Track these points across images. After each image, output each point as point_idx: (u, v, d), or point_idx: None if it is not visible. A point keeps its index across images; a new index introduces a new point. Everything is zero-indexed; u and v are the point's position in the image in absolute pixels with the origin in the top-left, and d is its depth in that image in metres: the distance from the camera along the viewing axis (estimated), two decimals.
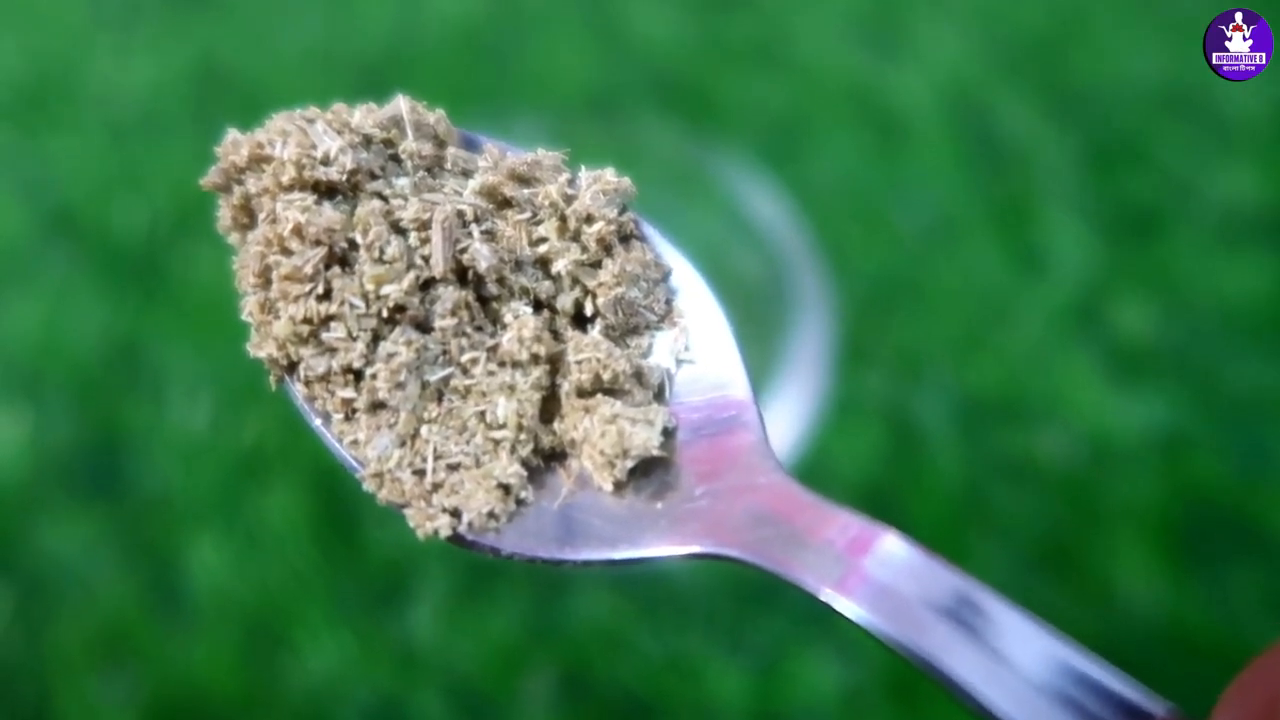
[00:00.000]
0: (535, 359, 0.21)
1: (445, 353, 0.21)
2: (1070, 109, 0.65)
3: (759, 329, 0.49)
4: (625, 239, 0.23)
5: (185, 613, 0.47)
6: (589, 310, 0.22)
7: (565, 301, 0.22)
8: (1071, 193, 0.62)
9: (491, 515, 0.21)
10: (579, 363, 0.21)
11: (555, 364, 0.21)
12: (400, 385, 0.20)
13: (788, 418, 0.46)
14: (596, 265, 0.22)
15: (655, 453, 0.21)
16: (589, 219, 0.22)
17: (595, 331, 0.22)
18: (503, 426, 0.21)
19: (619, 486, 0.21)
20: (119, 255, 0.57)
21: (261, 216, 0.22)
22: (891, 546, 0.19)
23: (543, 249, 0.22)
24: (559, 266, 0.22)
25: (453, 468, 0.21)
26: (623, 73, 0.66)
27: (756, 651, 0.47)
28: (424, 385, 0.21)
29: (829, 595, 0.19)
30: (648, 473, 0.21)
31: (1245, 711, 0.18)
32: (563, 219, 0.22)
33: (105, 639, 0.46)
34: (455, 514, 0.20)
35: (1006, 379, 0.55)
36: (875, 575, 0.19)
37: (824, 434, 0.51)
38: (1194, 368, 0.56)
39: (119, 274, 0.57)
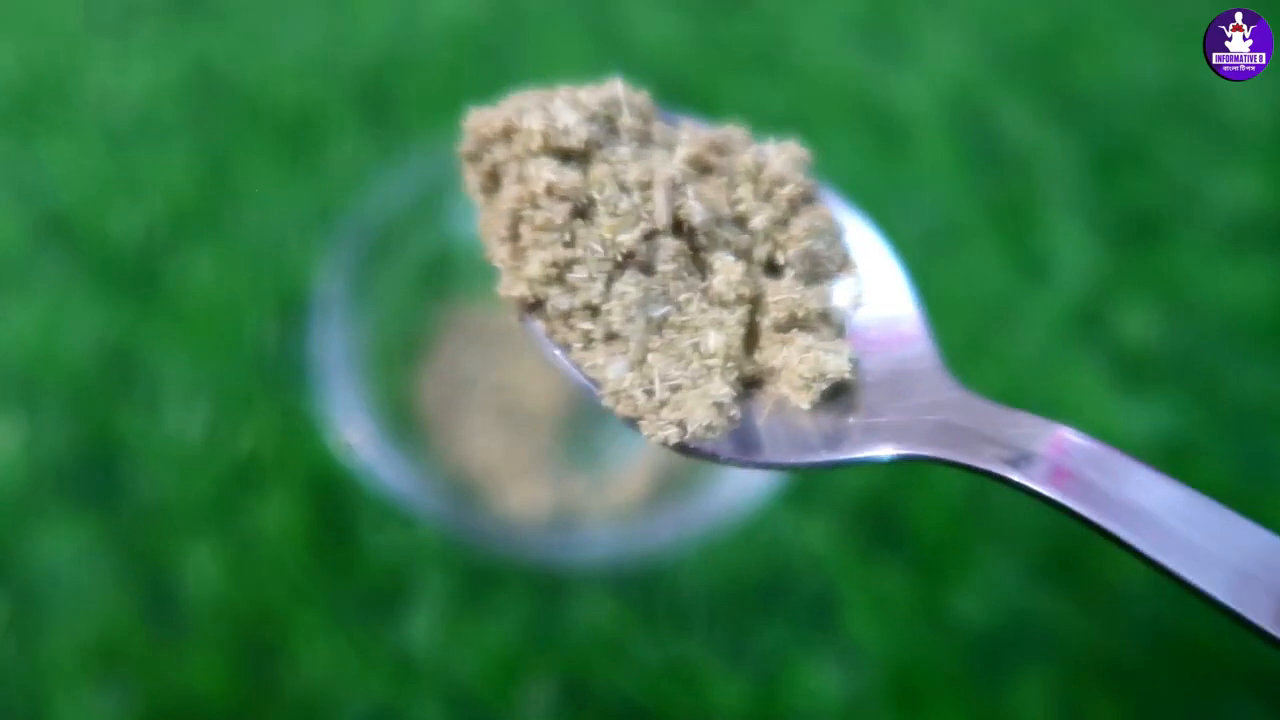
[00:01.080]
0: (740, 299, 0.25)
1: (665, 293, 0.25)
2: (1072, 113, 0.65)
3: None
4: (808, 200, 0.27)
5: (180, 621, 0.47)
6: (780, 260, 0.26)
7: (760, 253, 0.26)
8: (1074, 197, 0.62)
9: (709, 427, 0.24)
10: (776, 303, 0.25)
11: (755, 304, 0.25)
12: (631, 319, 0.24)
13: None
14: (785, 222, 0.27)
15: (847, 376, 0.24)
16: (780, 182, 0.26)
17: (788, 278, 0.26)
18: (713, 355, 0.24)
19: (814, 406, 0.24)
20: (114, 261, 0.57)
21: (507, 180, 0.25)
22: (1071, 437, 0.22)
23: (740, 208, 0.26)
24: (755, 223, 0.26)
25: (674, 389, 0.24)
26: (622, 74, 0.66)
27: (757, 658, 0.47)
28: (649, 320, 0.25)
29: (1020, 478, 0.22)
30: (837, 396, 0.24)
31: None
32: (756, 182, 0.26)
33: (100, 648, 0.46)
34: (681, 425, 0.24)
35: (1009, 384, 0.55)
36: (1061, 463, 0.22)
37: None
38: (1198, 373, 0.55)
39: (114, 280, 0.56)
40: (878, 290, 0.27)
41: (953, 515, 0.51)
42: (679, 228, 0.25)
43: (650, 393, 0.24)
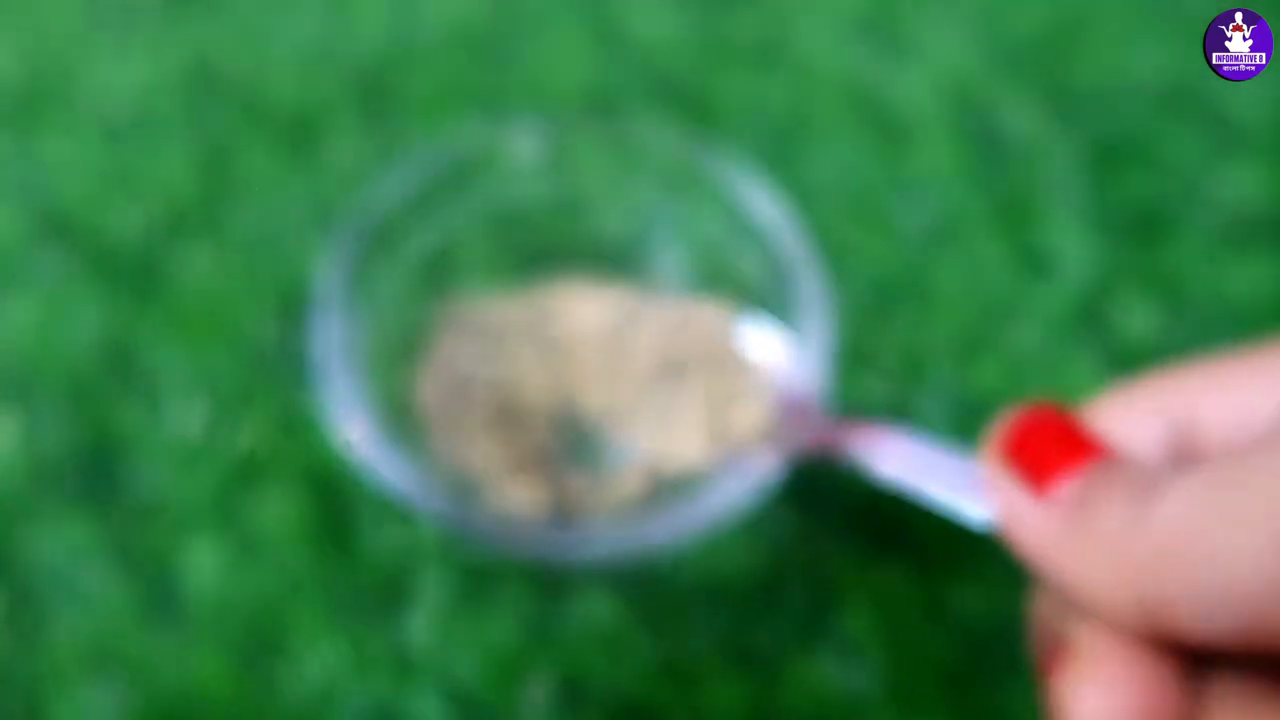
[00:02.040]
0: (708, 391, 0.43)
1: (670, 393, 0.43)
2: (1072, 109, 0.65)
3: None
4: (733, 332, 0.45)
5: (179, 619, 0.47)
6: (725, 369, 0.46)
7: (713, 365, 0.45)
8: (1074, 193, 0.62)
9: (697, 456, 0.43)
10: (726, 390, 0.44)
11: (717, 392, 0.44)
12: (656, 407, 0.43)
13: None
14: (723, 347, 0.46)
15: (768, 422, 0.43)
16: (713, 330, 0.46)
17: (730, 376, 0.45)
18: (697, 421, 0.42)
19: (756, 439, 0.43)
20: (113, 258, 0.57)
21: (574, 349, 0.48)
22: (880, 430, 0.38)
23: (702, 345, 0.45)
24: (711, 351, 0.45)
25: (679, 440, 0.43)
26: (622, 73, 0.66)
27: (756, 657, 0.47)
28: (665, 407, 0.43)
29: (861, 455, 0.38)
30: (765, 434, 0.43)
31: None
32: (706, 335, 0.46)
33: (98, 645, 0.46)
34: (682, 458, 0.41)
35: (1009, 380, 0.55)
36: (880, 448, 0.37)
37: None
38: None
39: (113, 277, 0.57)
40: (785, 370, 0.45)
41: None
42: (672, 360, 0.44)
43: (669, 440, 0.43)
